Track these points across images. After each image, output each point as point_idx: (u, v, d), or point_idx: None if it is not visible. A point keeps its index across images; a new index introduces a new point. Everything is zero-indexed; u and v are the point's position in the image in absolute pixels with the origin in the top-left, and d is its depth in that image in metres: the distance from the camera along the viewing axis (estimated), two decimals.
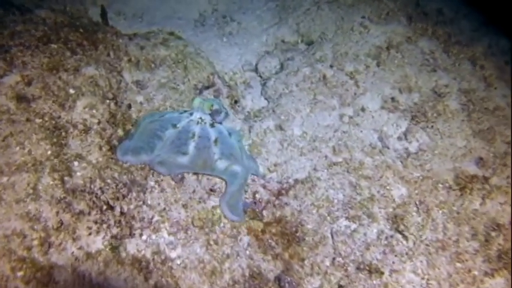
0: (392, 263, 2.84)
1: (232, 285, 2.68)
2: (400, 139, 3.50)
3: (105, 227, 2.54)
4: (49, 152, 2.66)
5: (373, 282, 2.77)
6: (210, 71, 3.99)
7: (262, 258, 2.83)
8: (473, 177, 3.22)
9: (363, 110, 3.67)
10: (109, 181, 2.73)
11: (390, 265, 2.83)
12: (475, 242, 2.92)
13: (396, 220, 2.98)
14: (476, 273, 2.80)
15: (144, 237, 2.65)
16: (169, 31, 4.29)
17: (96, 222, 2.53)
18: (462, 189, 3.16)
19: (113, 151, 2.93)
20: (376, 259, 2.86)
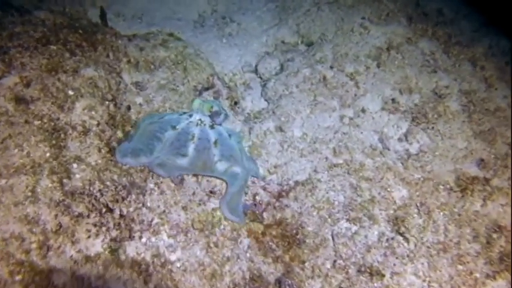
0: (394, 265, 2.82)
1: None
2: (400, 140, 3.49)
3: (104, 229, 2.52)
4: (48, 154, 2.65)
5: (374, 284, 2.75)
6: (210, 72, 3.98)
7: (263, 260, 2.81)
8: (474, 179, 3.21)
9: (363, 111, 3.66)
10: (108, 183, 2.72)
11: (391, 267, 2.82)
12: (477, 244, 2.91)
13: (397, 222, 2.97)
14: (477, 275, 2.78)
15: (143, 239, 2.63)
16: (168, 32, 4.28)
17: (95, 225, 2.51)
18: (463, 190, 3.15)
19: (112, 153, 2.91)
20: (377, 261, 2.84)
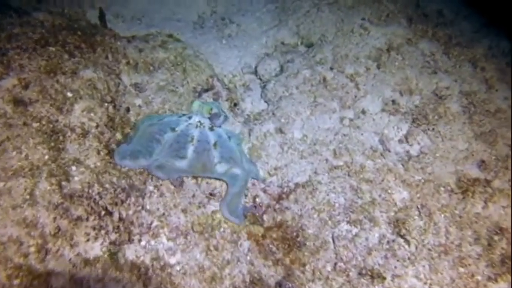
0: (395, 268, 2.81)
1: None
2: (401, 142, 3.47)
3: (103, 233, 2.51)
4: (46, 157, 2.63)
5: (375, 287, 2.74)
6: (209, 73, 3.96)
7: (263, 263, 2.79)
8: (475, 181, 3.18)
9: (363, 112, 3.64)
10: (107, 186, 2.70)
11: (392, 270, 2.80)
12: (478, 246, 2.89)
13: (398, 224, 2.95)
14: (479, 278, 2.76)
15: (143, 243, 2.62)
16: (168, 33, 4.27)
17: (94, 228, 2.49)
18: (464, 192, 3.13)
19: (111, 155, 2.89)
20: (378, 264, 2.82)
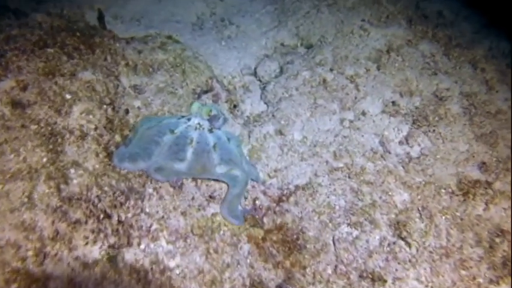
0: (396, 271, 2.79)
1: None
2: (401, 143, 3.46)
3: (102, 236, 2.48)
4: (45, 159, 2.60)
5: None
6: (209, 75, 3.94)
7: (263, 266, 2.77)
8: (476, 182, 3.17)
9: (363, 114, 3.63)
10: (106, 189, 2.68)
11: (393, 273, 2.78)
12: (479, 248, 2.87)
13: (399, 226, 2.93)
14: (481, 280, 2.74)
15: (142, 246, 2.59)
16: (167, 35, 4.25)
17: (93, 232, 2.47)
18: (465, 194, 3.11)
19: (110, 158, 2.87)
20: (378, 267, 2.80)
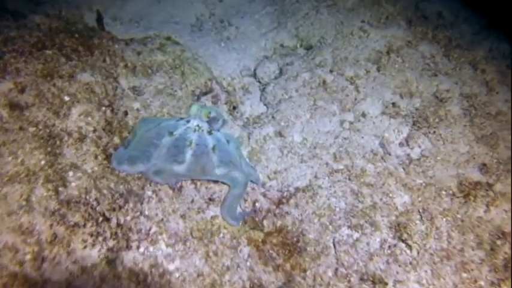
0: (396, 273, 2.77)
1: None
2: (401, 145, 3.44)
3: (101, 239, 2.46)
4: (43, 162, 2.58)
5: None
6: (208, 76, 3.93)
7: (263, 269, 2.76)
8: (476, 184, 3.15)
9: (363, 115, 3.61)
10: (105, 191, 2.65)
11: (394, 275, 2.76)
12: (481, 250, 2.85)
13: (399, 228, 2.91)
14: (482, 283, 2.73)
15: (141, 249, 2.57)
16: (166, 36, 4.24)
17: (91, 235, 2.45)
18: (466, 196, 3.10)
19: (109, 160, 2.85)
20: (379, 269, 2.79)
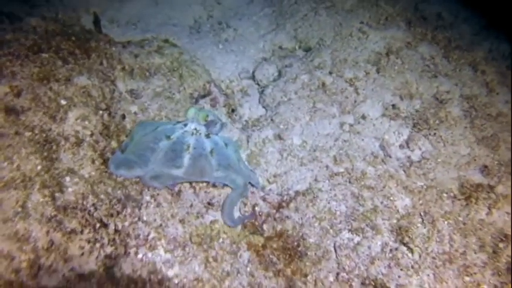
0: (398, 277, 2.74)
1: None
2: (402, 147, 3.41)
3: (98, 246, 2.43)
4: (39, 167, 2.54)
5: None
6: (206, 79, 3.90)
7: (264, 275, 2.72)
8: (478, 186, 3.13)
9: (363, 117, 3.58)
10: (102, 197, 2.62)
11: (396, 279, 2.73)
12: (483, 254, 2.83)
13: (401, 232, 2.88)
14: (485, 287, 2.69)
15: (139, 255, 2.53)
16: (163, 38, 4.21)
17: (89, 241, 2.41)
18: (467, 198, 3.07)
19: (106, 164, 2.82)
20: (381, 273, 2.75)
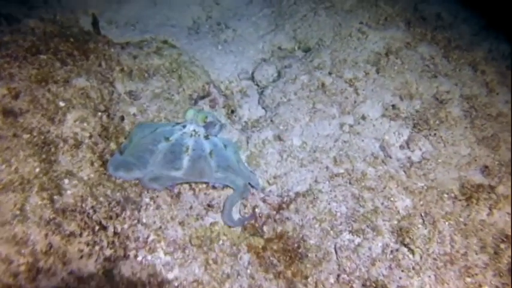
0: (399, 279, 2.73)
1: None
2: (402, 148, 3.40)
3: (97, 248, 2.41)
4: (37, 170, 2.53)
5: None
6: (205, 80, 3.89)
7: (264, 277, 2.71)
8: (479, 187, 3.12)
9: (363, 118, 3.57)
10: (101, 199, 2.60)
11: (397, 281, 2.72)
12: (484, 254, 2.81)
13: (401, 233, 2.87)
14: None
15: (139, 258, 2.52)
16: (162, 39, 4.20)
17: (88, 244, 2.40)
18: (468, 199, 3.06)
19: (105, 166, 2.80)
20: (382, 275, 2.74)
